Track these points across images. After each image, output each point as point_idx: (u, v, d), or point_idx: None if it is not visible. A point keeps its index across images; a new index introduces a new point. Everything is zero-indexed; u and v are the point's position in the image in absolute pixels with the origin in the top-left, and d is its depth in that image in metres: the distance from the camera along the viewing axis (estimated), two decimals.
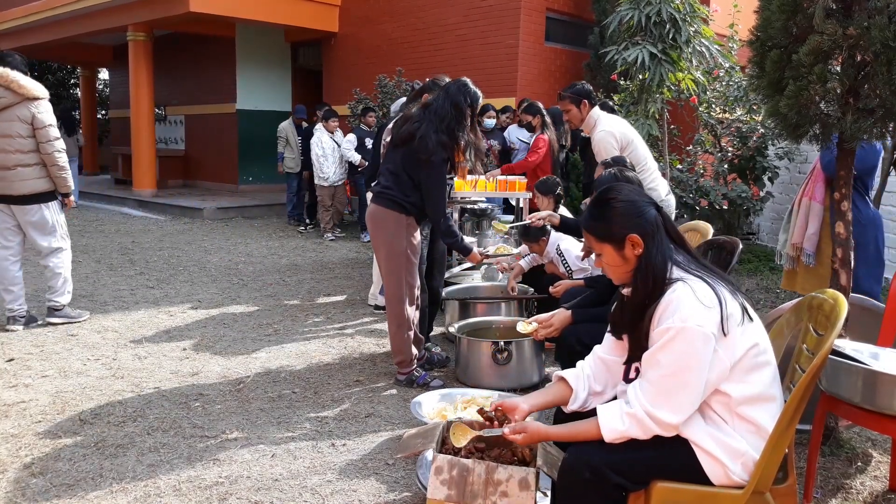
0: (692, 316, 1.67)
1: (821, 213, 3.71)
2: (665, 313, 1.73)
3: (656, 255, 1.79)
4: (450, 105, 3.50)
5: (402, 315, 3.60)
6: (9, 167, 4.42)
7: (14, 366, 3.97)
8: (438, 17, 10.26)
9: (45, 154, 4.48)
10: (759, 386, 1.75)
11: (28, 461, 2.83)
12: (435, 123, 3.47)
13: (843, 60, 2.57)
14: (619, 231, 1.82)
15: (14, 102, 4.38)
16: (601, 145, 4.03)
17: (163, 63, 13.49)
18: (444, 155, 3.46)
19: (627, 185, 2.11)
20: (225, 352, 4.30)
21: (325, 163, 8.68)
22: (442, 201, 3.51)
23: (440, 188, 3.50)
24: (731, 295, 1.75)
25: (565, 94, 4.22)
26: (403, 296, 3.59)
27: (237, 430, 3.16)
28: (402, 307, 3.60)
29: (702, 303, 1.69)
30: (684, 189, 6.83)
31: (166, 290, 5.97)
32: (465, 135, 3.53)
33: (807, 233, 3.72)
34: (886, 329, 2.74)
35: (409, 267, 3.59)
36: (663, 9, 5.80)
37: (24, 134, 4.41)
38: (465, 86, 3.56)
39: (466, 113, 3.52)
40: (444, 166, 3.48)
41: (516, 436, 1.88)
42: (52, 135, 4.48)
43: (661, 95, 6.28)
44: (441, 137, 3.44)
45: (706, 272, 1.80)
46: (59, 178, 4.57)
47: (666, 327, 1.70)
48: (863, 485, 2.71)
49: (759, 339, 1.76)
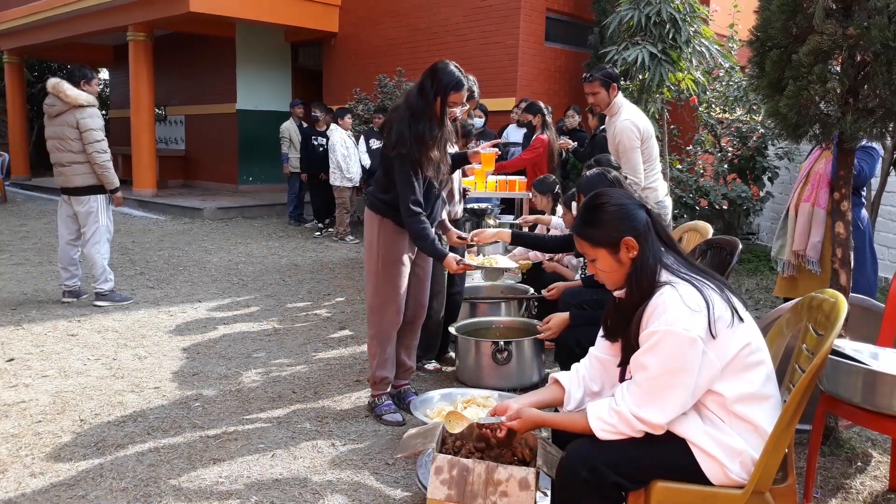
0: (678, 320, 1.68)
1: (825, 219, 3.62)
2: (652, 317, 1.74)
3: (649, 257, 1.80)
4: (416, 92, 3.08)
5: (375, 325, 3.26)
6: (64, 164, 5.22)
7: (14, 366, 3.97)
8: (438, 18, 10.26)
9: (88, 154, 5.18)
10: (753, 385, 1.75)
11: (28, 461, 2.83)
12: (402, 113, 3.08)
13: (843, 60, 2.57)
14: (613, 235, 1.83)
15: (64, 110, 5.14)
16: (624, 134, 4.00)
17: (163, 63, 13.49)
18: (402, 149, 3.01)
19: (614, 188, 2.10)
20: (225, 352, 4.30)
21: (351, 162, 8.47)
22: (408, 199, 3.05)
23: (405, 184, 3.05)
24: (719, 297, 1.75)
25: (596, 76, 4.09)
26: (378, 306, 3.23)
27: (237, 430, 3.16)
28: (376, 317, 3.25)
29: (688, 307, 1.70)
30: (684, 189, 6.83)
31: (166, 290, 5.97)
32: (426, 128, 3.03)
33: (811, 241, 3.62)
34: (886, 329, 2.74)
35: (385, 276, 3.20)
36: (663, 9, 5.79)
37: (72, 137, 5.15)
38: (434, 70, 3.06)
39: (431, 101, 3.03)
40: (405, 162, 3.03)
41: (513, 422, 1.93)
42: (93, 138, 5.17)
43: (661, 95, 6.28)
44: (401, 129, 3.02)
45: (695, 274, 1.80)
46: (101, 175, 5.24)
47: (651, 331, 1.71)
48: (863, 485, 2.71)
49: (751, 339, 1.76)
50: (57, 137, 5.18)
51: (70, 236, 5.38)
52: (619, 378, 1.93)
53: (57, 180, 5.35)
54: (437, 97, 3.03)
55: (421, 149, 3.03)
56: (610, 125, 4.21)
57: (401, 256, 3.21)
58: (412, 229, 3.09)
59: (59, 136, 5.17)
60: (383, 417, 3.29)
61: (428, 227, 3.09)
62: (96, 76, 5.54)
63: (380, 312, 3.24)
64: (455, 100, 3.08)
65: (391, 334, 3.30)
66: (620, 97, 4.16)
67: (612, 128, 4.16)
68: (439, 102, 3.04)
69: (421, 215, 3.07)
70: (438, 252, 3.14)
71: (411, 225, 3.08)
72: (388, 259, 3.20)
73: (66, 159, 5.19)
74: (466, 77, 3.17)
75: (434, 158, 3.08)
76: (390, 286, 3.21)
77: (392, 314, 3.25)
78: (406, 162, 3.03)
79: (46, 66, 19.30)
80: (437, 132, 3.08)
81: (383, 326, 3.26)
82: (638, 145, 4.01)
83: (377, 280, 3.22)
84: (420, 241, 3.12)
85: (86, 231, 5.31)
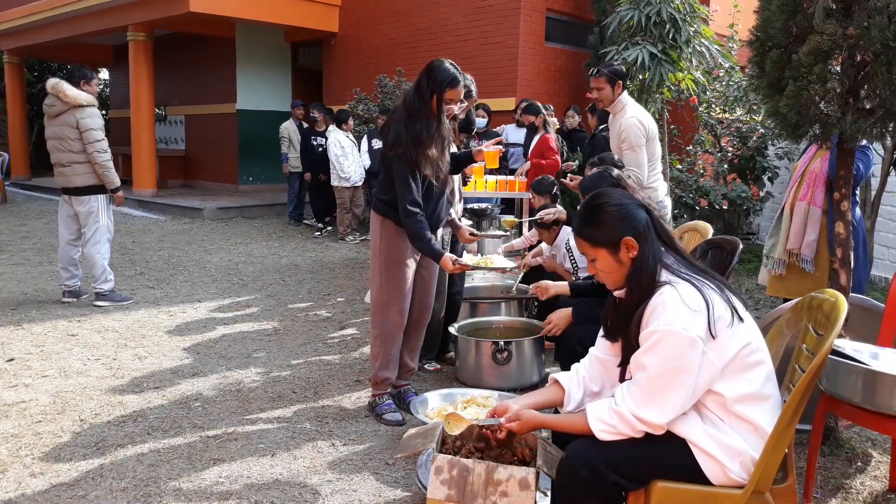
0: (678, 319, 1.68)
1: (820, 218, 3.64)
2: (652, 316, 1.74)
3: (649, 256, 1.80)
4: (413, 91, 3.10)
5: (378, 325, 3.30)
6: (65, 164, 5.22)
7: (14, 366, 3.97)
8: (439, 18, 10.26)
9: (88, 154, 5.18)
10: (753, 385, 1.75)
11: (28, 461, 2.83)
12: (400, 114, 3.11)
13: (843, 60, 2.57)
14: (613, 235, 1.83)
15: (64, 110, 5.15)
16: (630, 130, 4.01)
17: (163, 63, 13.49)
18: (399, 150, 3.02)
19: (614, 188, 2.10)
20: (225, 352, 4.30)
21: (346, 162, 8.47)
22: (405, 199, 3.06)
23: (402, 184, 3.05)
24: (719, 297, 1.75)
25: (603, 71, 4.09)
26: (381, 306, 3.26)
27: (237, 430, 3.16)
28: (379, 318, 3.29)
29: (688, 306, 1.70)
30: (684, 189, 6.84)
31: (166, 290, 5.97)
32: (423, 127, 3.05)
33: (806, 239, 3.65)
34: (886, 329, 2.74)
35: (388, 276, 3.22)
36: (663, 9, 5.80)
37: (72, 137, 5.16)
38: (429, 68, 3.08)
39: (427, 99, 3.05)
40: (403, 162, 3.03)
41: (512, 424, 1.92)
42: (93, 137, 5.17)
43: (661, 95, 6.28)
44: (398, 129, 3.04)
45: (695, 274, 1.80)
46: (102, 175, 5.25)
47: (651, 330, 1.72)
48: (863, 485, 2.71)
49: (751, 339, 1.76)
50: (57, 137, 5.19)
51: (70, 236, 5.39)
52: (620, 378, 1.93)
53: (57, 180, 5.35)
54: (433, 95, 3.04)
55: (418, 148, 3.03)
56: (614, 123, 4.21)
57: (403, 257, 3.22)
58: (409, 229, 3.09)
59: (59, 137, 5.18)
60: (384, 416, 3.28)
61: (425, 227, 3.07)
62: (96, 76, 5.54)
63: (383, 313, 3.25)
64: (451, 96, 3.07)
65: (395, 335, 3.30)
66: (625, 95, 4.17)
67: (616, 125, 4.16)
68: (435, 100, 3.05)
69: (418, 215, 3.06)
70: (435, 251, 3.11)
71: (408, 225, 3.07)
72: (390, 260, 3.21)
73: (66, 159, 5.20)
74: (463, 75, 3.16)
75: (432, 157, 3.08)
76: (393, 287, 3.21)
77: (395, 315, 3.25)
78: (403, 162, 3.03)
79: (46, 66, 19.29)
80: (435, 130, 3.08)
81: (386, 327, 3.26)
82: (643, 143, 4.02)
83: (381, 281, 3.24)
84: (417, 240, 3.10)
85: (86, 231, 5.32)
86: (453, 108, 3.13)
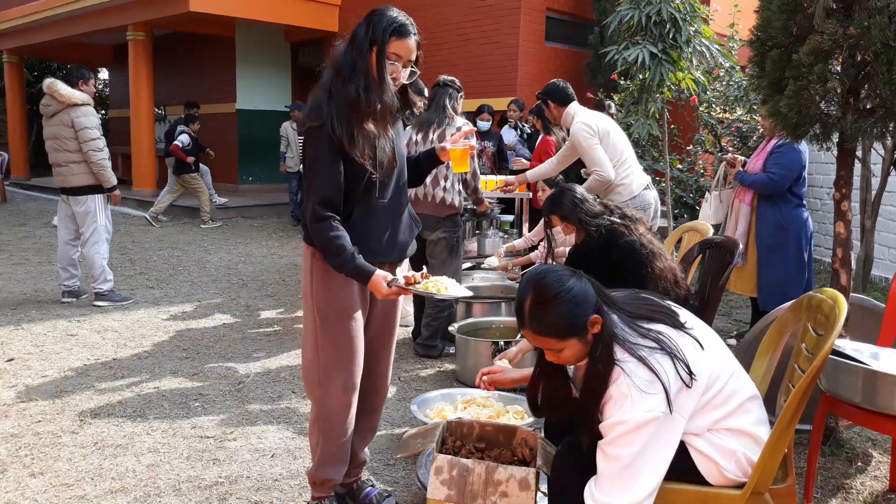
0: (637, 405, 1.62)
1: (748, 214, 4.10)
2: (611, 407, 1.67)
3: (607, 331, 1.71)
4: (346, 44, 2.20)
5: (316, 406, 2.31)
6: (61, 164, 5.22)
7: (14, 366, 3.97)
8: (439, 17, 10.25)
9: (83, 153, 5.17)
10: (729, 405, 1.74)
11: (28, 461, 2.83)
12: (325, 77, 2.20)
13: (844, 60, 2.57)
14: (578, 321, 1.70)
15: (59, 109, 5.14)
16: (578, 135, 4.05)
17: (163, 63, 13.48)
18: (315, 121, 2.10)
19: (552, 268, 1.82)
20: (225, 352, 4.30)
21: None
22: (315, 194, 2.11)
23: (310, 174, 2.15)
24: (670, 362, 1.66)
25: (534, 109, 4.29)
26: (317, 381, 2.27)
27: (237, 430, 3.16)
28: (316, 395, 2.30)
29: (644, 391, 1.63)
30: (684, 189, 6.83)
31: (166, 290, 5.97)
32: (356, 89, 2.09)
33: (737, 232, 4.08)
34: (886, 329, 2.74)
35: (327, 336, 2.23)
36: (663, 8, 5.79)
37: (68, 136, 5.15)
38: (370, 14, 2.19)
39: (365, 52, 2.12)
40: (320, 139, 2.10)
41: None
42: (88, 136, 5.15)
43: (662, 95, 6.27)
44: (318, 96, 2.14)
45: (641, 339, 1.71)
46: (98, 174, 5.24)
47: (615, 421, 1.64)
48: (863, 485, 2.71)
49: (712, 368, 1.72)
50: (54, 137, 5.20)
51: (69, 236, 5.40)
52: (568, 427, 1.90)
53: (55, 180, 5.37)
54: (372, 46, 2.12)
55: (350, 117, 2.10)
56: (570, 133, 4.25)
57: (348, 305, 2.23)
58: (318, 240, 2.14)
59: (56, 136, 5.18)
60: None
61: (342, 237, 2.11)
62: (94, 77, 5.54)
63: (324, 387, 2.26)
64: (397, 50, 2.14)
65: (341, 419, 2.28)
66: (572, 106, 4.23)
67: (571, 135, 4.19)
68: (375, 54, 2.12)
69: (331, 220, 2.11)
70: (360, 270, 2.11)
71: (317, 234, 2.13)
72: (327, 312, 2.22)
73: (64, 159, 5.20)
74: (413, 24, 2.20)
75: (369, 133, 2.14)
76: (332, 351, 2.23)
77: (337, 392, 2.25)
78: (321, 139, 2.09)
79: (46, 65, 19.29)
80: (374, 96, 2.10)
81: (327, 409, 2.27)
82: (596, 142, 4.02)
83: (315, 343, 2.26)
84: (332, 255, 2.12)
85: (84, 231, 5.33)
86: (398, 69, 2.16)
